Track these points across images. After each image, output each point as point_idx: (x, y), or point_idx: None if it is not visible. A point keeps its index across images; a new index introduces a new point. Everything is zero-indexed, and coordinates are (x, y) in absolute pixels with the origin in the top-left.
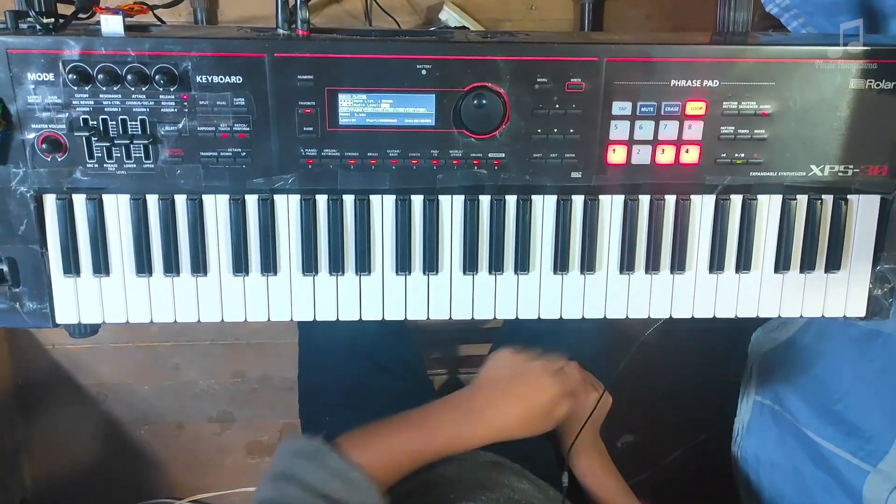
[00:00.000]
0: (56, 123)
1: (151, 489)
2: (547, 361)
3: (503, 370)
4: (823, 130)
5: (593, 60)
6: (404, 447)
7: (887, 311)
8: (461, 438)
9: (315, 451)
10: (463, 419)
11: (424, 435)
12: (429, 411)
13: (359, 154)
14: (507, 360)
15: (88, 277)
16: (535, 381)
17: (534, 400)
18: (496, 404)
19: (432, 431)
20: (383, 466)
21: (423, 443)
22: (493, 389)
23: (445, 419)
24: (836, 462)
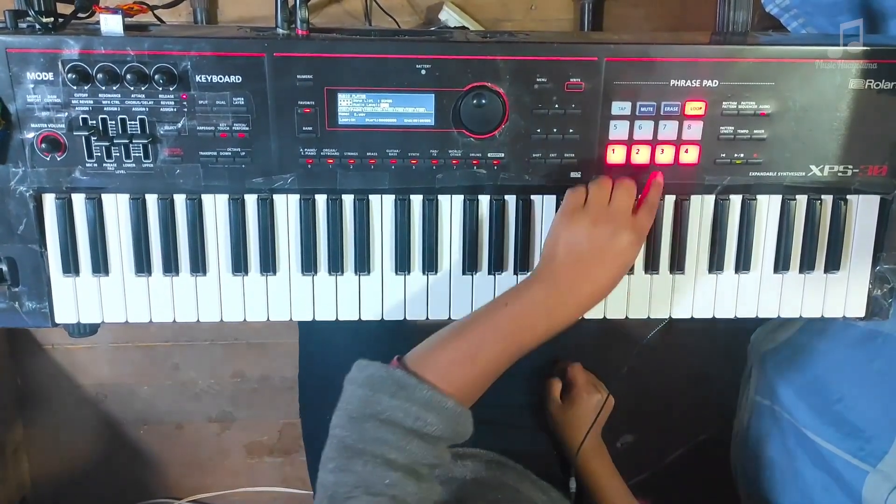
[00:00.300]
0: (55, 123)
1: (151, 489)
2: (614, 215)
3: (581, 244)
4: (823, 130)
5: (593, 60)
6: (488, 361)
7: (887, 311)
8: (553, 329)
9: (398, 383)
10: (551, 310)
11: (512, 342)
12: (509, 314)
13: (358, 154)
14: (579, 233)
15: (88, 277)
16: (618, 244)
17: (621, 261)
18: (586, 277)
19: (521, 335)
20: (471, 388)
21: (511, 350)
22: (577, 265)
23: (532, 318)
24: (835, 462)
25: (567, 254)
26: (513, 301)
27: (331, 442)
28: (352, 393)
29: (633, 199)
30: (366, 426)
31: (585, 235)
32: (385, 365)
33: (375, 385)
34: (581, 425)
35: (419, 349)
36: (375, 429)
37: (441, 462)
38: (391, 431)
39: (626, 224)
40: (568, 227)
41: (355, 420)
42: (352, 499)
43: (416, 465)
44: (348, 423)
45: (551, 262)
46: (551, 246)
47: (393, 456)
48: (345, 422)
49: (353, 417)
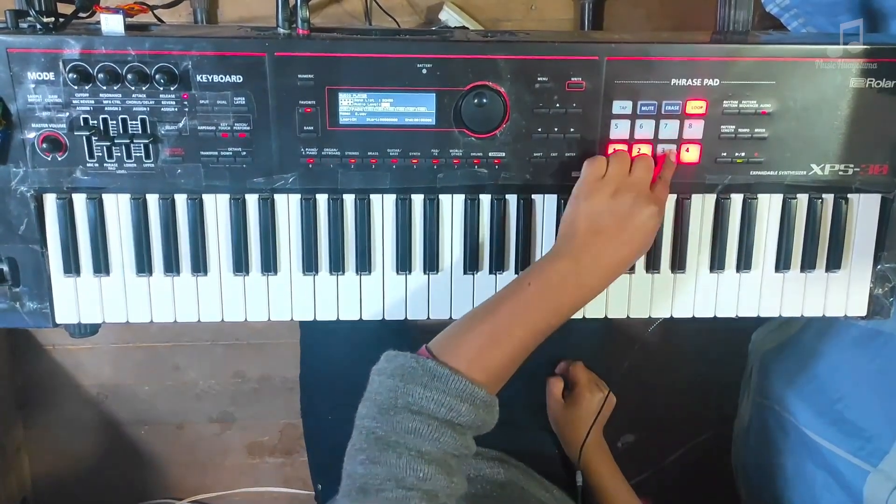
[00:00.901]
0: (56, 123)
1: (151, 489)
2: (634, 186)
3: (602, 216)
4: (824, 129)
5: (594, 59)
6: (517, 345)
7: (888, 310)
8: (579, 304)
9: (431, 374)
10: (579, 287)
11: (540, 324)
12: (535, 295)
13: (359, 153)
14: (600, 205)
15: (88, 277)
16: (640, 215)
17: (644, 232)
18: (609, 251)
19: (549, 315)
20: (499, 374)
21: (539, 331)
22: (599, 239)
23: (558, 297)
24: (836, 462)
25: (588, 226)
26: (535, 280)
27: (359, 433)
28: (381, 384)
29: (651, 172)
30: (397, 418)
31: (606, 207)
32: (415, 355)
33: (407, 376)
34: (583, 424)
35: (445, 336)
36: (408, 420)
37: (469, 452)
38: (424, 422)
39: (646, 195)
40: (588, 198)
41: (386, 411)
42: (384, 491)
43: (448, 456)
44: (379, 415)
45: (572, 237)
46: (571, 219)
47: (426, 448)
48: (375, 413)
49: (383, 409)
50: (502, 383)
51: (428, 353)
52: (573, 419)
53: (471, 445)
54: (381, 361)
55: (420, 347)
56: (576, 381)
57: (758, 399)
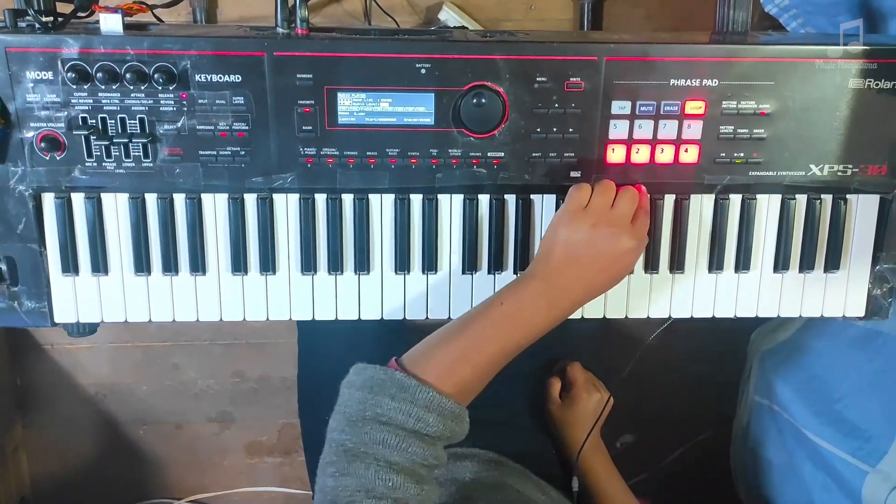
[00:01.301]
0: (55, 122)
1: (150, 489)
2: (616, 220)
3: (580, 245)
4: (823, 130)
5: (593, 60)
6: (487, 360)
7: (886, 310)
8: (547, 326)
9: (399, 385)
10: (549, 309)
11: (509, 340)
12: (506, 312)
13: (358, 153)
14: (579, 234)
15: (87, 276)
16: (618, 249)
17: (620, 266)
18: (582, 277)
19: (518, 333)
20: (469, 387)
21: (509, 348)
22: (575, 265)
23: (530, 316)
24: (834, 462)
25: (564, 253)
26: (508, 299)
27: (329, 446)
28: (350, 396)
29: (635, 206)
30: (366, 429)
31: (585, 237)
32: (384, 367)
33: (375, 387)
34: (581, 425)
35: (416, 350)
36: (376, 431)
37: (439, 462)
38: (392, 433)
39: (626, 230)
40: (568, 226)
41: (355, 423)
42: (355, 502)
43: (417, 466)
44: (348, 427)
45: (548, 261)
46: (549, 243)
47: (395, 458)
48: (343, 425)
49: (352, 420)
50: (472, 396)
51: (398, 366)
52: (571, 420)
53: (440, 455)
54: (351, 374)
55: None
56: (574, 381)
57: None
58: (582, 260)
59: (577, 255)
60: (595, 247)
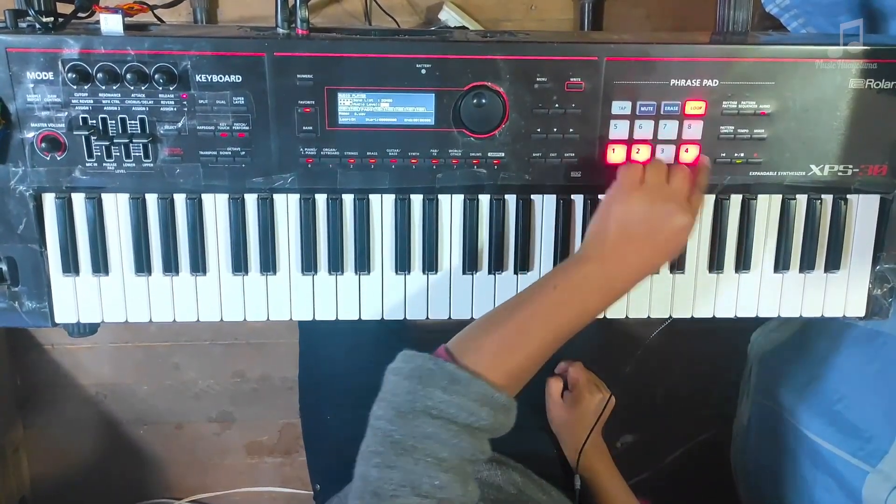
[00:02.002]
0: (55, 122)
1: (151, 489)
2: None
3: (636, 223)
4: (823, 130)
5: (593, 60)
6: (538, 348)
7: (887, 310)
8: (603, 307)
9: (451, 377)
10: (604, 290)
11: (563, 326)
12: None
13: (358, 153)
14: (636, 211)
15: (87, 277)
16: (674, 225)
17: (675, 242)
18: (639, 257)
19: (573, 317)
20: (519, 377)
21: (562, 334)
22: (631, 244)
23: (583, 300)
24: (835, 462)
25: (620, 230)
26: (561, 282)
27: (374, 435)
28: (397, 384)
29: (689, 182)
30: (416, 422)
31: (642, 213)
32: (433, 357)
33: (425, 378)
34: (582, 425)
35: (464, 336)
36: (427, 424)
37: (484, 457)
38: (443, 427)
39: (683, 206)
40: (624, 203)
41: (404, 414)
42: (398, 497)
43: (465, 462)
44: (396, 418)
45: (602, 241)
46: (602, 221)
47: (444, 454)
48: (392, 415)
49: (401, 411)
50: (521, 385)
51: (447, 354)
52: (572, 420)
53: (486, 450)
54: (398, 361)
55: (430, 347)
56: (575, 381)
57: (757, 399)
58: (637, 238)
59: (632, 232)
60: (651, 224)
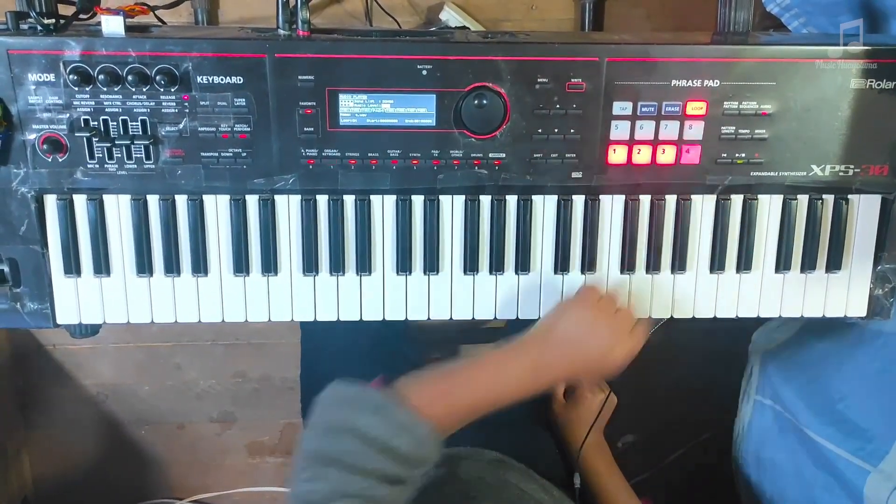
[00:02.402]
0: (57, 124)
1: (152, 489)
2: (616, 319)
3: (576, 328)
4: (824, 130)
5: (594, 60)
6: (469, 402)
7: (888, 310)
8: (527, 390)
9: (379, 403)
10: (533, 374)
11: (492, 390)
12: (496, 365)
13: (359, 154)
14: (580, 318)
15: (89, 278)
16: (617, 349)
17: (608, 364)
18: (570, 360)
19: (501, 386)
20: (448, 421)
21: (490, 398)
22: (567, 346)
23: (515, 375)
24: (836, 462)
25: (563, 334)
26: (501, 357)
27: (303, 456)
28: (327, 409)
29: (634, 320)
30: (342, 438)
31: (588, 328)
32: (363, 386)
33: (355, 403)
34: (584, 424)
35: (408, 379)
36: (351, 441)
37: (409, 482)
38: (368, 444)
39: (623, 337)
40: (576, 313)
41: (333, 432)
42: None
43: (387, 476)
44: (324, 435)
45: (545, 339)
46: (552, 322)
47: (370, 467)
48: (320, 434)
49: (330, 429)
50: (450, 432)
51: (381, 386)
52: (574, 419)
53: (411, 476)
54: (328, 391)
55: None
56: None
57: (758, 399)
58: (576, 345)
59: (573, 339)
60: (593, 339)
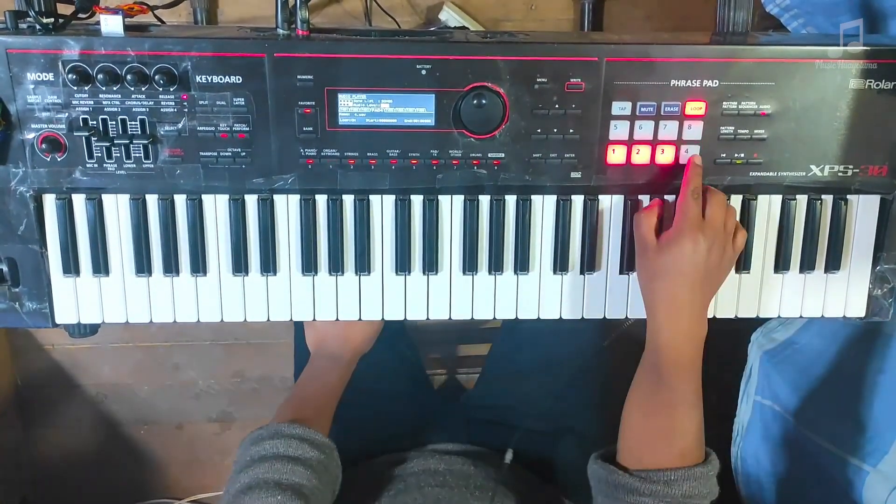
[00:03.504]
0: (56, 123)
1: (151, 489)
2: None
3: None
4: (823, 130)
5: (593, 60)
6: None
7: (887, 311)
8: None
9: (274, 430)
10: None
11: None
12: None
13: (358, 154)
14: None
15: (88, 277)
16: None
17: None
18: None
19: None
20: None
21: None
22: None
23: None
24: (835, 462)
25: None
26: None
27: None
28: (243, 454)
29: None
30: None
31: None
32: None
33: (259, 438)
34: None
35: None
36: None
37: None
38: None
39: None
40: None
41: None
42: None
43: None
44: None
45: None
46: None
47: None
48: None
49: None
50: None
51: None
52: None
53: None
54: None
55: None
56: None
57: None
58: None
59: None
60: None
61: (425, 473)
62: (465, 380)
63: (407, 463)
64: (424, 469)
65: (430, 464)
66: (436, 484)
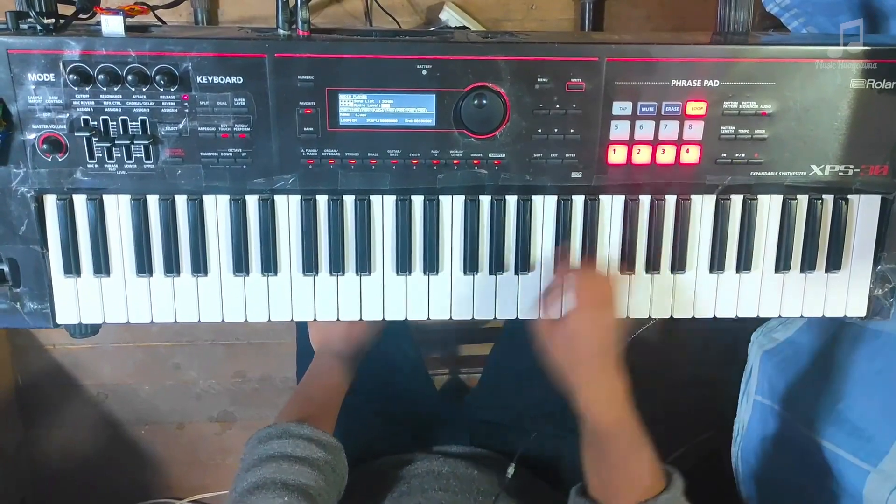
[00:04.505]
0: (56, 124)
1: (152, 489)
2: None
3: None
4: (824, 130)
5: (594, 60)
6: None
7: (888, 310)
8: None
9: (282, 430)
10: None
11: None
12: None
13: (359, 154)
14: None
15: (89, 278)
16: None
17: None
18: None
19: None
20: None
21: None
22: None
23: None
24: (836, 462)
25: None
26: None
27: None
28: (249, 451)
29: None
30: (267, 467)
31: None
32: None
33: (268, 437)
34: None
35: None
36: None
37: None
38: (288, 461)
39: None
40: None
41: (255, 466)
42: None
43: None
44: (252, 470)
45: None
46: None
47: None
48: (249, 471)
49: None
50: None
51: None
52: None
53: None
54: (247, 444)
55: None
56: None
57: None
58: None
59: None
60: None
61: (429, 476)
62: (466, 380)
63: (410, 464)
64: (428, 471)
65: (433, 466)
66: (439, 488)
